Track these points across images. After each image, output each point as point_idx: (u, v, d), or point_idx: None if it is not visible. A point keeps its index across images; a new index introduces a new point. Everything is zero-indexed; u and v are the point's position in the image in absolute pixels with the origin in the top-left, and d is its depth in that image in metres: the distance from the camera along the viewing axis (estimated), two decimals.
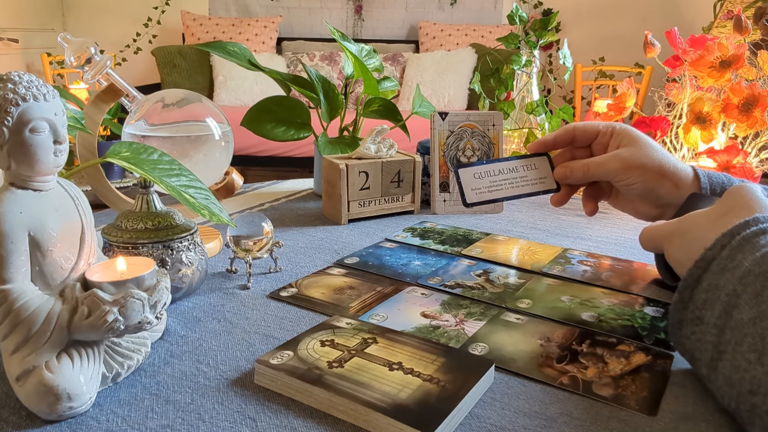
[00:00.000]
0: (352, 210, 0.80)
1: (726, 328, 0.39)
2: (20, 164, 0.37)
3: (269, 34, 3.86)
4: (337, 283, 0.60)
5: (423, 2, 4.05)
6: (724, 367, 0.38)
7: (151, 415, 0.39)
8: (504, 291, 0.58)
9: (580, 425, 0.38)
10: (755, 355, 0.36)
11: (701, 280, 0.42)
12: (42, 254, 0.38)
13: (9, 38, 3.72)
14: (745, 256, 0.40)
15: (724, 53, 0.82)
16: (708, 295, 0.41)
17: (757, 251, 0.40)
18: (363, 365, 0.42)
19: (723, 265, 0.41)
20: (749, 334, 0.37)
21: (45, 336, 0.37)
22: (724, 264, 0.41)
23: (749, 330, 0.37)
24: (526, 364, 0.45)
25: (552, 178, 0.66)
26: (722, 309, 0.40)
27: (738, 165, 0.81)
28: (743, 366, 0.36)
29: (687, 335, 0.43)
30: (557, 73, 3.80)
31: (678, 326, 0.44)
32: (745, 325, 0.37)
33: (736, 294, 0.39)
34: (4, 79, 0.37)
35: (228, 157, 0.70)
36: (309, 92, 0.86)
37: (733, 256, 0.41)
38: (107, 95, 0.66)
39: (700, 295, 0.42)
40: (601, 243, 0.74)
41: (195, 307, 0.54)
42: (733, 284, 0.40)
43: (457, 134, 0.85)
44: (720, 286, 0.41)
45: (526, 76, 1.07)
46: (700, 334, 0.41)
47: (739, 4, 2.58)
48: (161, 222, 0.53)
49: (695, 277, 0.43)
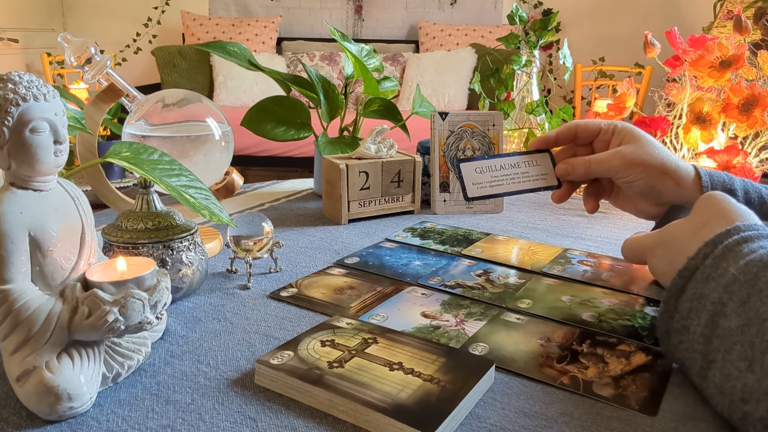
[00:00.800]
0: (352, 210, 0.80)
1: (713, 336, 0.39)
2: (20, 164, 0.37)
3: (269, 34, 3.86)
4: (337, 283, 0.60)
5: (423, 2, 4.05)
6: (715, 375, 0.38)
7: (151, 415, 0.39)
8: (504, 291, 0.58)
9: (581, 425, 0.38)
10: (745, 363, 0.36)
11: (685, 290, 0.43)
12: (42, 254, 0.38)
13: (9, 38, 3.72)
14: (729, 264, 0.40)
15: (724, 53, 0.82)
16: (693, 304, 0.41)
17: (741, 259, 0.40)
18: (363, 365, 0.42)
19: (707, 274, 0.41)
20: (738, 342, 0.37)
21: (45, 336, 0.37)
22: (708, 273, 0.41)
23: (738, 338, 0.37)
24: (526, 364, 0.45)
25: (553, 174, 0.66)
26: (708, 318, 0.40)
27: (738, 165, 0.81)
28: (734, 374, 0.36)
29: (675, 344, 0.43)
30: (557, 73, 3.80)
31: (666, 335, 0.44)
32: (733, 333, 0.37)
33: (721, 302, 0.39)
34: (5, 79, 0.37)
35: (228, 157, 0.70)
36: (309, 92, 0.86)
37: (717, 264, 0.41)
38: (107, 95, 0.66)
39: (685, 304, 0.42)
40: (601, 243, 0.74)
41: (195, 307, 0.54)
42: (718, 293, 0.40)
43: (457, 134, 0.85)
44: (705, 295, 0.41)
45: (526, 76, 1.07)
46: (687, 343, 0.41)
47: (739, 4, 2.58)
48: (161, 222, 0.53)
49: (679, 287, 0.43)
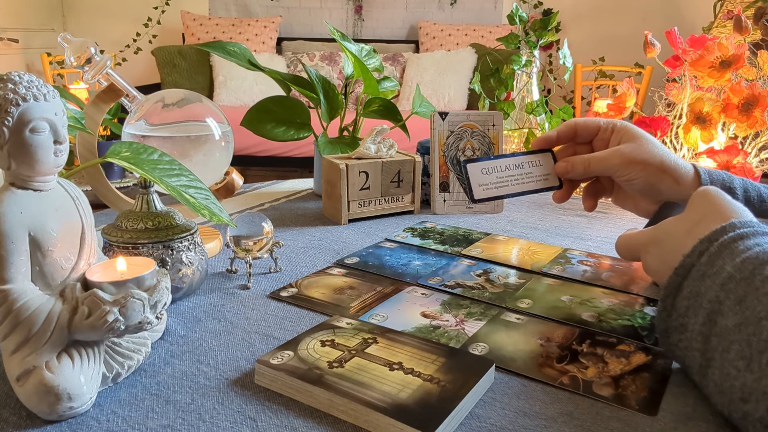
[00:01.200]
0: (352, 210, 0.80)
1: (711, 335, 0.39)
2: (20, 164, 0.37)
3: (269, 34, 3.86)
4: (337, 283, 0.60)
5: (423, 2, 4.05)
6: (714, 374, 0.38)
7: (151, 415, 0.39)
8: (504, 291, 0.58)
9: (580, 425, 0.38)
10: (744, 362, 0.35)
11: (682, 288, 0.42)
12: (42, 254, 0.38)
13: (9, 38, 3.72)
14: (725, 262, 0.40)
15: (724, 53, 0.82)
16: (690, 302, 0.41)
17: (737, 257, 0.40)
18: (363, 365, 0.42)
19: (703, 272, 0.41)
20: (735, 341, 0.36)
21: (45, 336, 0.37)
22: (704, 270, 0.41)
23: (735, 337, 0.37)
24: (526, 364, 0.45)
25: (555, 174, 0.66)
26: (706, 316, 0.39)
27: (738, 165, 0.81)
28: (732, 374, 0.36)
29: (675, 343, 0.43)
30: (557, 73, 3.80)
31: (665, 334, 0.44)
32: (731, 332, 0.37)
33: (718, 300, 0.39)
34: (5, 79, 0.37)
35: (228, 157, 0.70)
36: (309, 92, 0.86)
37: (713, 262, 0.41)
38: (107, 95, 0.66)
39: (682, 302, 0.42)
40: (601, 243, 0.74)
41: (195, 307, 0.54)
42: (715, 291, 0.39)
43: (457, 134, 0.85)
44: (701, 293, 0.40)
45: (526, 76, 1.07)
46: (686, 341, 0.41)
47: (739, 4, 2.58)
48: (161, 222, 0.53)
49: (676, 285, 0.43)
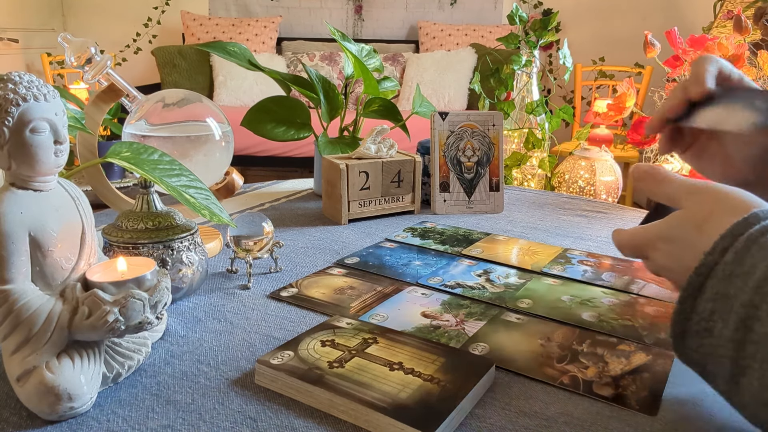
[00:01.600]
0: (352, 210, 0.80)
1: (746, 342, 0.35)
2: (21, 164, 0.37)
3: (269, 34, 3.86)
4: (337, 283, 0.60)
5: (423, 2, 4.05)
6: (751, 384, 0.35)
7: (151, 416, 0.39)
8: (504, 291, 0.58)
9: (581, 425, 0.38)
10: None
11: (704, 289, 0.38)
12: (42, 254, 0.38)
13: (9, 38, 3.72)
14: (756, 261, 0.36)
15: (724, 53, 0.82)
16: (716, 306, 0.38)
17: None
18: (363, 365, 0.42)
19: (729, 271, 0.37)
20: None
21: (45, 336, 0.37)
22: (731, 269, 0.37)
23: None
24: (526, 364, 0.45)
25: None
26: (739, 321, 0.36)
27: None
28: None
29: (693, 347, 0.39)
30: (557, 73, 3.80)
31: (681, 338, 0.40)
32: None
33: (753, 305, 0.35)
34: (5, 80, 0.37)
35: (228, 157, 0.70)
36: (309, 92, 0.86)
37: (740, 260, 0.37)
38: (107, 95, 0.66)
39: (705, 305, 0.38)
40: (601, 243, 0.74)
41: (195, 307, 0.54)
42: (748, 294, 0.36)
43: (457, 134, 0.85)
44: (731, 295, 0.37)
45: (526, 76, 1.07)
46: (710, 347, 0.38)
47: (739, 4, 2.58)
48: (161, 222, 0.53)
49: (696, 286, 0.39)
